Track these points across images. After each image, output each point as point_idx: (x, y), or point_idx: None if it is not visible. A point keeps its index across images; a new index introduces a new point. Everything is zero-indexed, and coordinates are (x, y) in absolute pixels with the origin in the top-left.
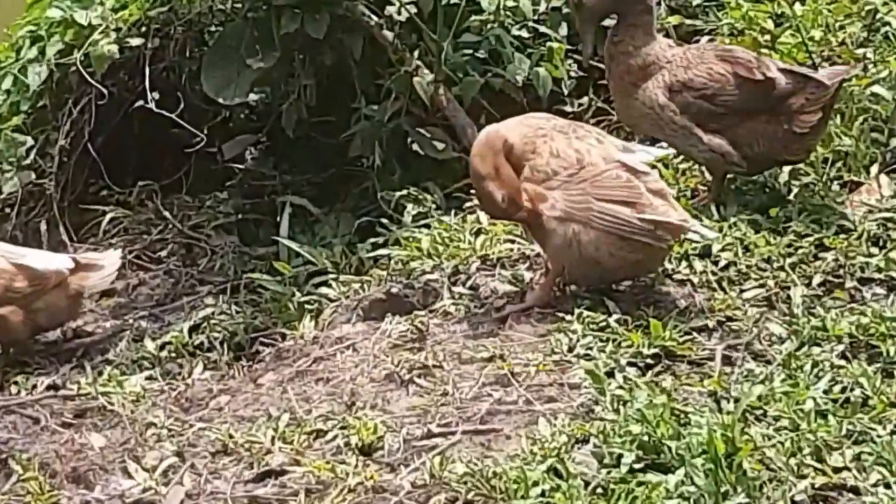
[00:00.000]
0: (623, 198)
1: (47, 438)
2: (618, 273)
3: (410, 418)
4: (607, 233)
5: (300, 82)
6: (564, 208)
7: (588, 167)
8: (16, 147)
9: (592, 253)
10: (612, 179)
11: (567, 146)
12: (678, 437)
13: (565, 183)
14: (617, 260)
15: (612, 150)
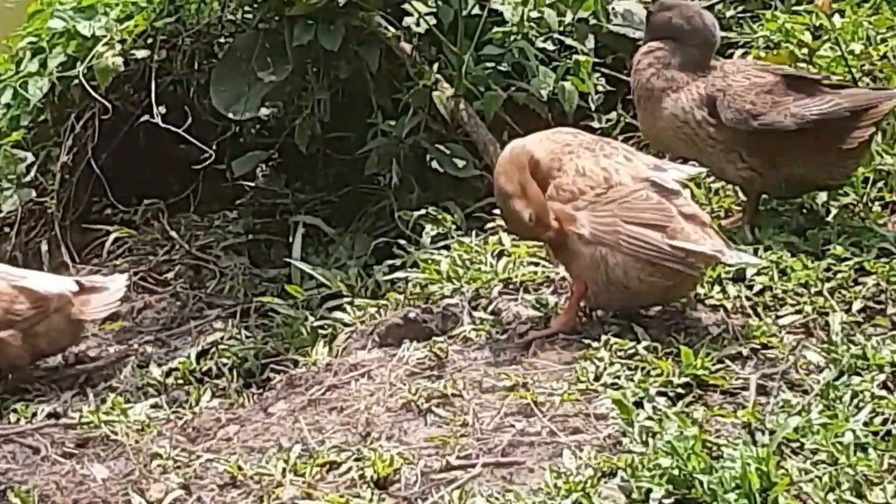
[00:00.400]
0: (653, 221)
1: (47, 469)
2: (646, 298)
3: (428, 450)
4: (636, 257)
5: (314, 96)
6: (592, 230)
7: (616, 187)
8: (16, 163)
9: (620, 277)
10: (642, 201)
11: (594, 164)
12: (710, 471)
13: (592, 204)
14: (646, 285)
15: (642, 168)
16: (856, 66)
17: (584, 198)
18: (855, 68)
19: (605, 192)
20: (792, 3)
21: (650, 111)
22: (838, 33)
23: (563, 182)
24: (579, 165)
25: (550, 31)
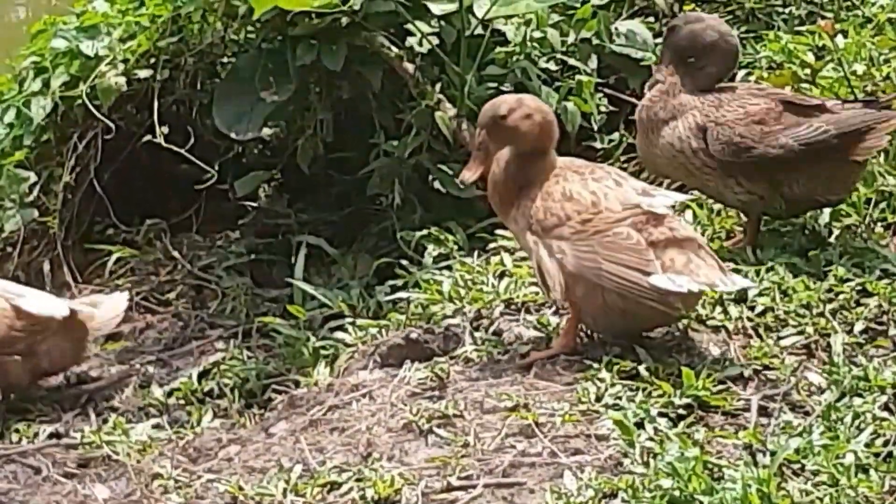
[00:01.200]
0: (631, 263)
1: (49, 489)
2: (642, 325)
3: (429, 470)
4: (619, 294)
5: (316, 116)
6: (575, 265)
7: (603, 213)
8: (18, 183)
9: (612, 305)
10: (622, 239)
11: (582, 187)
12: (711, 492)
13: (575, 234)
14: (638, 316)
15: (631, 194)
16: (858, 86)
17: (570, 223)
18: (857, 89)
19: (591, 220)
20: (795, 23)
21: (649, 138)
22: (841, 54)
23: (551, 205)
24: (567, 189)
25: (553, 51)
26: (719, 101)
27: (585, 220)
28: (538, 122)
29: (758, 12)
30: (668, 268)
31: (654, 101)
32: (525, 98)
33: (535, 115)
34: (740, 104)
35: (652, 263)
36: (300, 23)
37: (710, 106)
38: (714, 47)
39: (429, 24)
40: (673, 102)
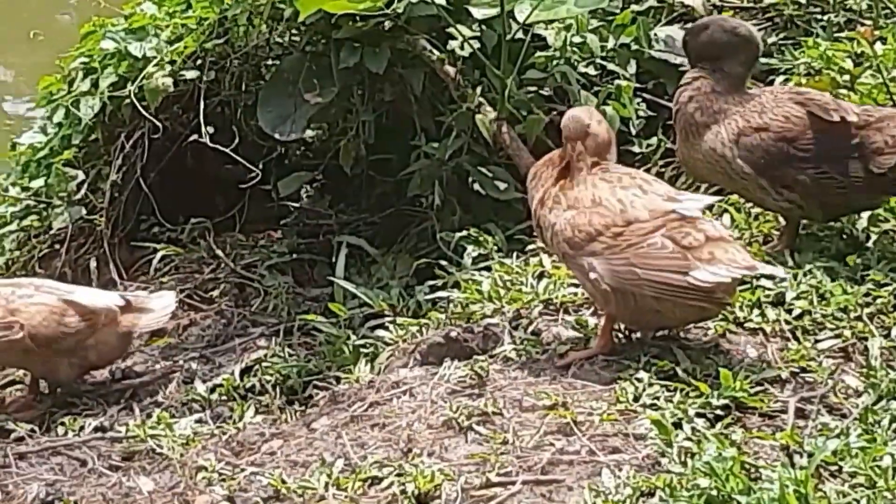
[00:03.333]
0: (671, 267)
1: (94, 481)
2: (680, 322)
3: (469, 467)
4: (655, 298)
5: (359, 118)
6: (611, 281)
7: (633, 225)
8: (66, 181)
9: (650, 306)
10: (657, 249)
11: (610, 194)
12: (749, 492)
13: (607, 250)
14: (677, 313)
15: (658, 201)
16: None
17: (601, 239)
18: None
19: (622, 234)
20: (834, 30)
21: (690, 143)
22: (880, 60)
23: (579, 222)
24: (595, 195)
25: (593, 56)
26: (762, 107)
27: (617, 234)
28: (608, 128)
29: (796, 19)
30: (706, 261)
31: (687, 104)
32: (590, 108)
33: (604, 123)
34: (784, 113)
35: (690, 264)
36: (344, 26)
37: (753, 112)
38: (732, 46)
39: (470, 28)
40: (714, 107)
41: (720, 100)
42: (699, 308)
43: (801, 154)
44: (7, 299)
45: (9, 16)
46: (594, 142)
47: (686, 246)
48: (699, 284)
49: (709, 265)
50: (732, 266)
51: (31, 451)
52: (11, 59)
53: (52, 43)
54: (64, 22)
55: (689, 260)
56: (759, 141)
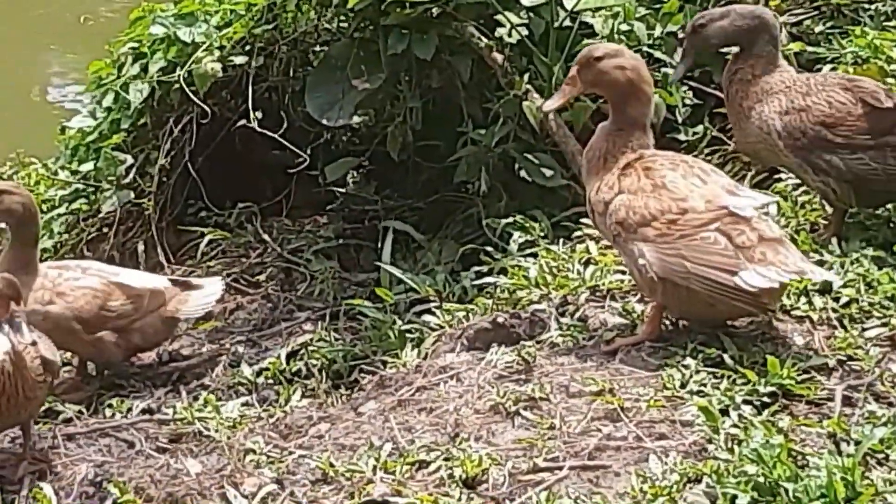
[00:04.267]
0: (720, 265)
1: (142, 463)
2: (728, 316)
3: (516, 451)
4: (709, 293)
5: (406, 105)
6: (659, 269)
7: (688, 214)
8: (115, 165)
9: (698, 299)
10: (710, 244)
11: (671, 181)
12: (796, 479)
13: (660, 236)
14: (723, 309)
15: (718, 192)
16: None
17: (655, 224)
18: None
19: (676, 222)
20: (881, 19)
21: (741, 129)
22: None
23: (635, 205)
24: (657, 178)
25: (640, 43)
26: (807, 89)
27: (671, 222)
28: (629, 77)
29: (844, 8)
30: (757, 262)
31: (735, 91)
32: (625, 51)
33: (628, 70)
34: (827, 97)
35: (741, 264)
36: (392, 12)
37: (797, 92)
38: (753, 31)
39: (518, 15)
40: (755, 89)
41: (760, 81)
42: (743, 308)
43: (839, 140)
44: (54, 282)
45: (59, 1)
46: (592, 74)
47: (739, 245)
48: (746, 287)
49: (759, 267)
50: (782, 270)
51: (79, 432)
52: (60, 43)
53: (101, 28)
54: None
55: (740, 259)
56: (799, 122)
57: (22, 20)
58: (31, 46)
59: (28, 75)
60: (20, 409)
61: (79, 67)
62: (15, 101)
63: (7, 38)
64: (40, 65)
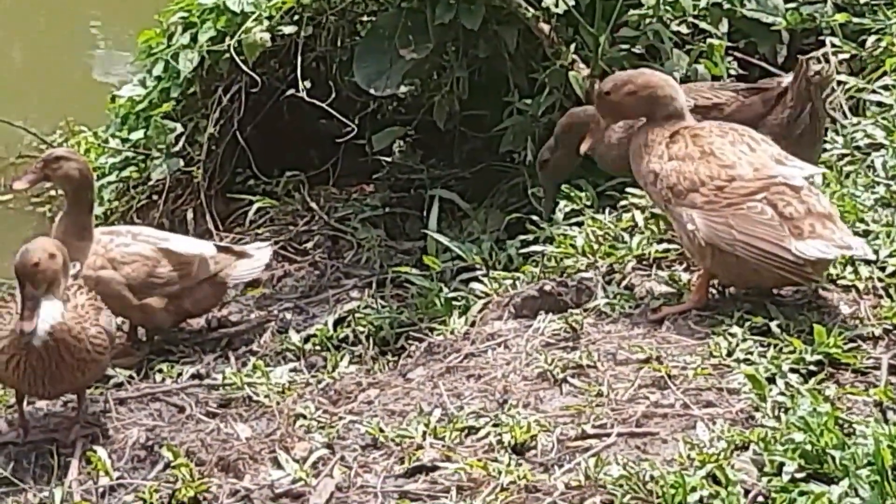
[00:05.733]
0: (766, 237)
1: (193, 427)
2: (774, 284)
3: (564, 418)
4: (755, 261)
5: (453, 74)
6: (707, 233)
7: (736, 182)
8: (165, 134)
9: (746, 266)
10: (756, 214)
11: (720, 147)
12: (843, 447)
13: (709, 204)
14: (768, 277)
15: (767, 160)
16: None
17: (703, 191)
18: None
19: (723, 189)
20: None
21: None
22: None
23: (685, 169)
24: (706, 145)
25: (685, 14)
26: None
27: (719, 188)
28: (642, 97)
29: None
30: (804, 236)
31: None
32: (629, 74)
33: (639, 91)
34: None
35: (787, 238)
36: None
37: None
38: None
39: None
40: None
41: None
42: (788, 278)
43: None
44: (105, 247)
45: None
46: (610, 108)
47: (787, 216)
48: (791, 258)
49: (807, 239)
50: (830, 244)
51: (130, 396)
52: (106, 14)
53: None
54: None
55: (784, 230)
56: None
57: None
58: (78, 17)
59: (74, 45)
60: (75, 375)
61: (124, 38)
62: (62, 72)
63: (54, 9)
64: (87, 35)
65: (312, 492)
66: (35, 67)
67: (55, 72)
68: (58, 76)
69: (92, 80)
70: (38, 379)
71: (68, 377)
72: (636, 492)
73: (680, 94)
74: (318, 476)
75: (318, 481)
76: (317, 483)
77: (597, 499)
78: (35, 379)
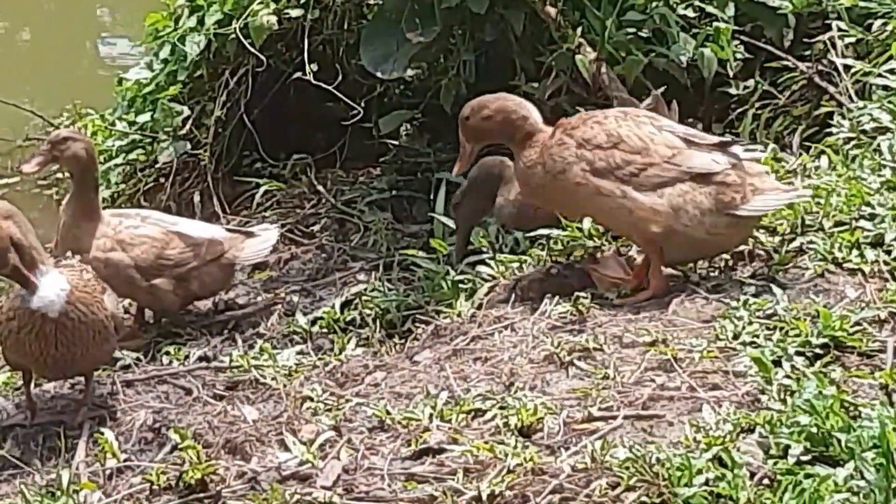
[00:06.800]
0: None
1: (200, 409)
2: (715, 252)
3: (570, 401)
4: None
5: (459, 58)
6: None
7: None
8: (172, 117)
9: (690, 242)
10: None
11: (629, 131)
12: (848, 429)
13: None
14: (713, 244)
15: (672, 140)
16: None
17: (625, 171)
18: None
19: (646, 170)
20: None
21: None
22: None
23: (598, 155)
24: (610, 127)
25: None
26: None
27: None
28: (498, 121)
29: None
30: (746, 198)
31: None
32: (489, 99)
33: (495, 115)
34: None
35: (732, 204)
36: None
37: None
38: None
39: None
40: None
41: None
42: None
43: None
44: (115, 229)
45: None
46: (472, 132)
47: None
48: (741, 217)
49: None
50: (773, 197)
51: (137, 378)
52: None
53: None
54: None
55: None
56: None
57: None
58: (86, 1)
59: (81, 29)
60: (87, 351)
61: (130, 22)
62: (68, 55)
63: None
64: (93, 18)
65: (319, 474)
66: (42, 51)
67: (62, 55)
68: (65, 59)
69: (99, 64)
70: (50, 352)
71: (80, 353)
72: (642, 474)
73: (534, 112)
74: (324, 458)
75: (324, 463)
76: (324, 465)
77: (603, 481)
78: (47, 351)
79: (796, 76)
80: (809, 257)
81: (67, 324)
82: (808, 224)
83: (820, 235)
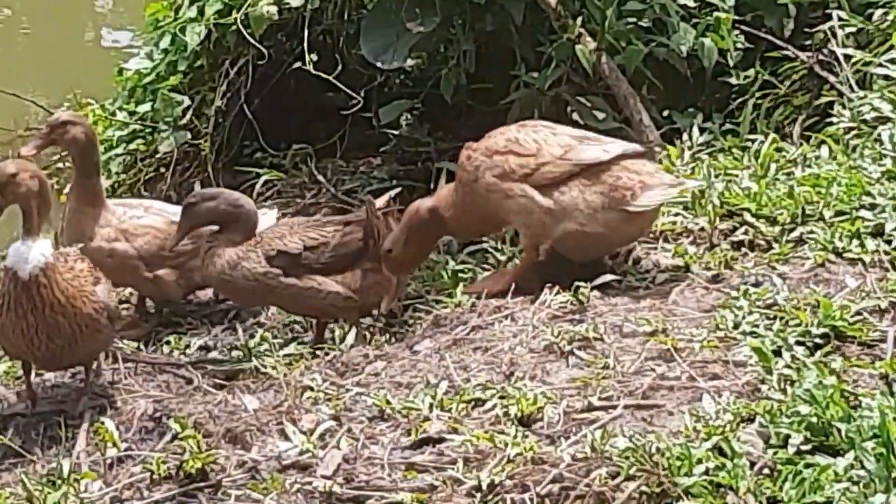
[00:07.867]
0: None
1: (200, 398)
2: (614, 247)
3: (570, 390)
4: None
5: (459, 48)
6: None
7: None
8: (172, 107)
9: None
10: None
11: (525, 136)
12: (848, 419)
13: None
14: (611, 239)
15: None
16: None
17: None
18: None
19: (536, 170)
20: None
21: None
22: None
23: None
24: (510, 135)
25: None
26: None
27: (534, 170)
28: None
29: None
30: (636, 195)
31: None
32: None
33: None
34: None
35: (623, 200)
36: None
37: None
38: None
39: None
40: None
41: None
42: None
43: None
44: (119, 219)
45: None
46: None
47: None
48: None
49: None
50: (664, 189)
51: (138, 367)
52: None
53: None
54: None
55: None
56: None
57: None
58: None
59: (81, 19)
60: (74, 342)
61: (130, 12)
62: (68, 45)
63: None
64: (93, 8)
65: (319, 463)
66: (43, 40)
67: (63, 45)
68: (65, 49)
69: (99, 53)
70: (31, 333)
71: (68, 346)
72: (642, 464)
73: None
74: (325, 448)
75: (325, 453)
76: (324, 455)
77: (603, 471)
78: (28, 332)
79: (797, 66)
80: (810, 247)
81: (37, 300)
82: (809, 214)
83: (820, 225)
